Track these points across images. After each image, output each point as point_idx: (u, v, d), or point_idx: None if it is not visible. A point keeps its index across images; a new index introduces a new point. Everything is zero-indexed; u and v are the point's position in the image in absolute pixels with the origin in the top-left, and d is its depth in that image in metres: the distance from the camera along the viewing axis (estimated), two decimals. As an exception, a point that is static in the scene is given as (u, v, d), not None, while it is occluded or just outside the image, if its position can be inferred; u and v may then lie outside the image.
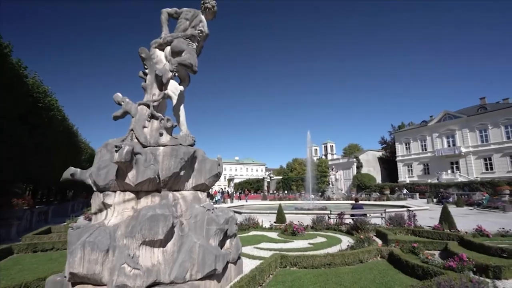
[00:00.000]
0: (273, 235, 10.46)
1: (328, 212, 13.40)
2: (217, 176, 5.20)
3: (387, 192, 39.69)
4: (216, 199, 33.37)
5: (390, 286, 5.01)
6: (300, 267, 6.13)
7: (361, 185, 47.11)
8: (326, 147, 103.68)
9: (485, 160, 39.64)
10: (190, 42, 5.61)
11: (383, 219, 12.38)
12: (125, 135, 5.01)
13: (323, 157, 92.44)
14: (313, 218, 12.02)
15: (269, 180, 65.26)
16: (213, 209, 4.78)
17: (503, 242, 8.59)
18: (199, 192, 5.11)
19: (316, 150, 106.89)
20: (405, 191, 37.74)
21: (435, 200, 27.60)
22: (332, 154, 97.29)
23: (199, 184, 5.04)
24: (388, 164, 54.91)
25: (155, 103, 5.02)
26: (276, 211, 13.72)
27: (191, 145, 5.13)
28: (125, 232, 4.06)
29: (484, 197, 22.97)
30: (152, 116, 4.94)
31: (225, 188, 79.72)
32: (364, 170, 52.07)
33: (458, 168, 41.98)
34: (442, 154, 43.47)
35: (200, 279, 4.23)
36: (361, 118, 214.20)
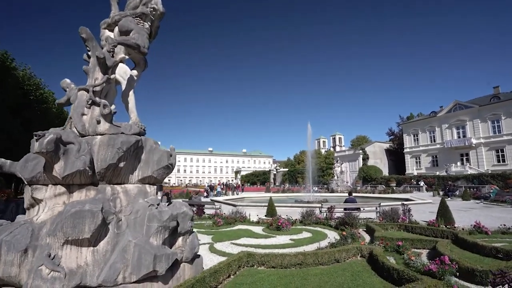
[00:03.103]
0: (258, 229, 10.00)
1: (320, 205, 12.84)
2: (168, 168, 4.70)
3: (393, 184, 38.67)
4: (217, 191, 33.18)
5: (358, 292, 4.49)
6: (268, 267, 5.65)
7: (367, 177, 46.14)
8: (334, 139, 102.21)
9: (497, 151, 37.87)
10: (140, 21, 5.06)
11: (378, 213, 11.75)
12: (65, 124, 4.58)
13: (331, 149, 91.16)
14: (302, 211, 11.48)
15: (275, 173, 64.87)
16: (158, 204, 4.31)
17: (503, 240, 7.88)
18: (147, 185, 4.63)
19: (324, 142, 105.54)
20: (422, 183, 35.36)
21: (441, 193, 26.57)
22: (341, 146, 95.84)
23: (146, 176, 4.56)
24: (396, 156, 53.42)
25: (97, 88, 4.52)
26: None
27: (139, 134, 4.64)
28: (49, 230, 3.65)
29: (492, 190, 21.83)
30: (93, 103, 4.45)
31: (232, 180, 79.77)
32: (370, 162, 50.92)
33: (468, 160, 40.35)
34: (451, 146, 41.84)
35: (136, 282, 3.78)
36: (371, 110, 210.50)
